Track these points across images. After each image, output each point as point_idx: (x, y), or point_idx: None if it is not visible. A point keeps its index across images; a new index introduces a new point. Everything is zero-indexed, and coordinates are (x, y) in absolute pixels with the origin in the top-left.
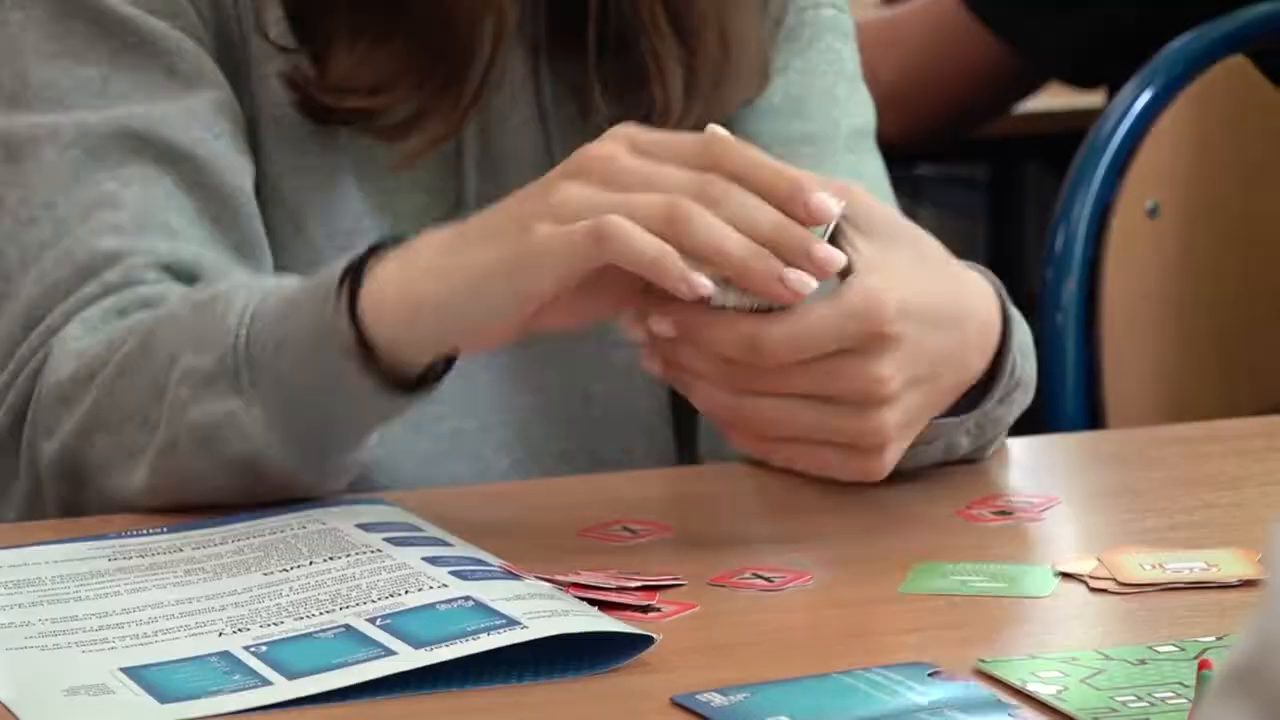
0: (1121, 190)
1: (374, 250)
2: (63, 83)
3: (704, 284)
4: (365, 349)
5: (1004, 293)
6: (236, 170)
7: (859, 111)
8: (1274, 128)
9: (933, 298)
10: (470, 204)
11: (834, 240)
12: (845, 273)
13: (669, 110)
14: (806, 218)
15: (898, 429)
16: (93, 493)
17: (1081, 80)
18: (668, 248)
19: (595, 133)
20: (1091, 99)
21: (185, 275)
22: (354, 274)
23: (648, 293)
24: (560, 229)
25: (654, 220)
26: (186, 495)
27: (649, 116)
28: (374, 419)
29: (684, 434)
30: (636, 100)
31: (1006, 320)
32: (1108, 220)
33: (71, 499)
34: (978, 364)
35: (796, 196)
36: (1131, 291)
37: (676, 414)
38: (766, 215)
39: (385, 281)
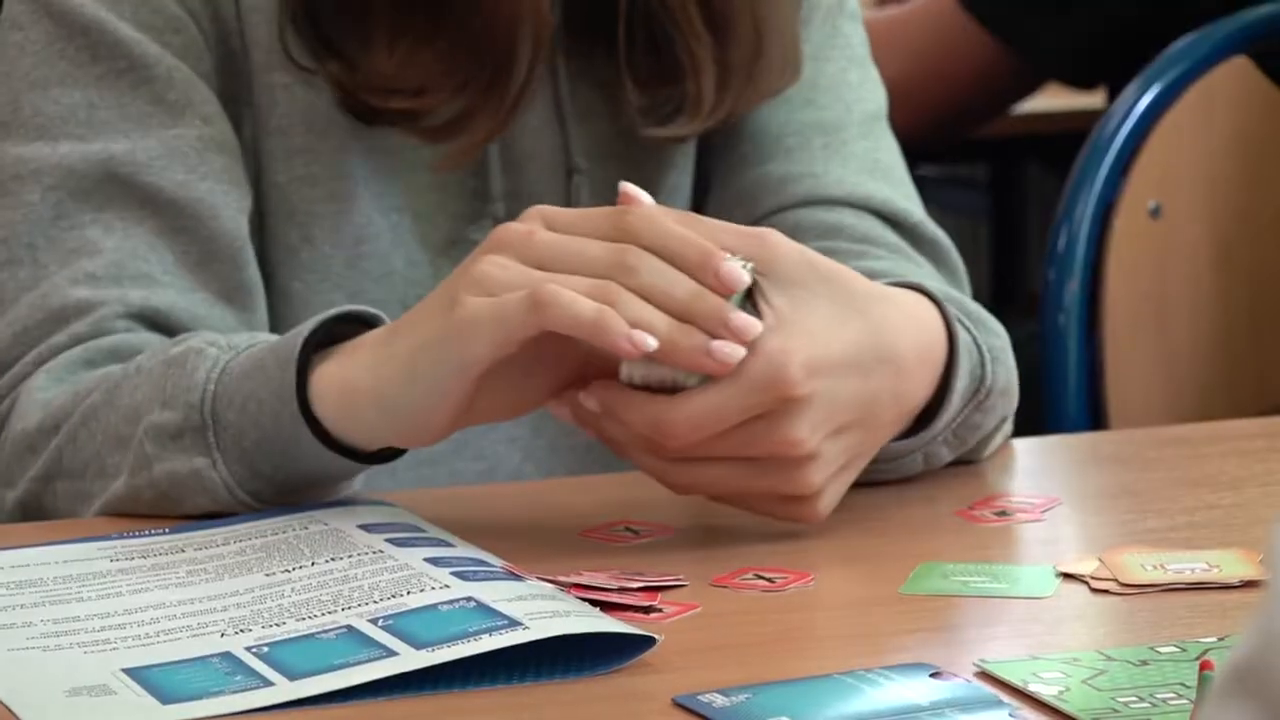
0: (1124, 191)
1: (336, 322)
2: (49, 110)
3: (647, 339)
4: (318, 424)
5: (949, 309)
6: (224, 212)
7: (871, 95)
8: (1276, 128)
9: (846, 346)
10: (497, 200)
11: (751, 295)
12: None
13: (701, 103)
14: (718, 287)
15: (827, 479)
16: None
17: (1079, 80)
18: (605, 307)
19: (618, 133)
20: (1092, 99)
21: (160, 323)
22: (309, 348)
23: (580, 376)
24: (491, 299)
25: (591, 270)
26: None
27: (680, 110)
28: (338, 479)
29: None
30: (668, 95)
31: (952, 338)
32: (1110, 220)
33: None
34: (919, 392)
35: (707, 265)
36: (1133, 292)
37: None
38: (682, 286)
39: (326, 373)
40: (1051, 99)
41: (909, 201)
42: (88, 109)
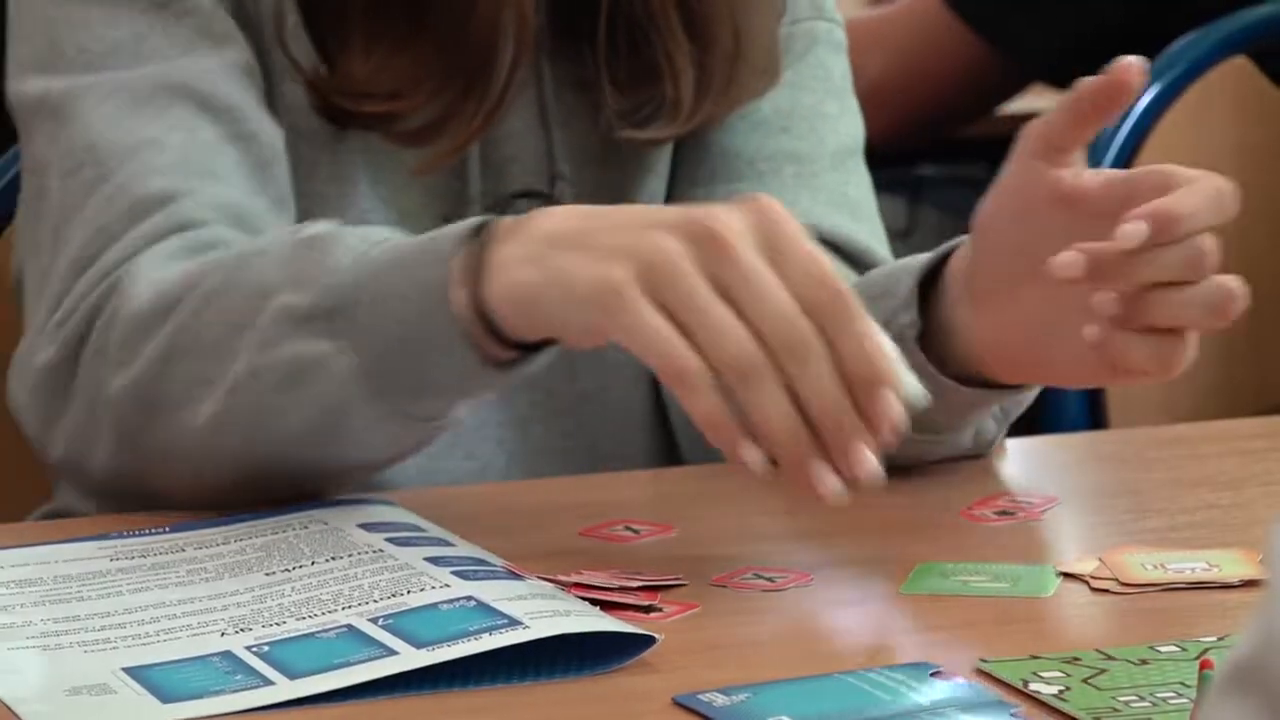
0: None
1: (488, 223)
2: (96, 47)
3: (757, 462)
4: (479, 320)
5: None
6: (268, 126)
7: (847, 129)
8: (1276, 128)
9: None
10: (475, 202)
11: None
12: None
13: (679, 107)
14: (870, 412)
15: None
16: (159, 428)
17: (1063, 81)
18: (723, 416)
19: (600, 137)
20: None
21: (235, 220)
22: (479, 243)
23: None
24: (645, 321)
25: (729, 367)
26: (255, 433)
27: (658, 113)
28: (466, 388)
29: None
30: (647, 97)
31: None
32: None
33: (136, 433)
34: None
35: (873, 388)
36: None
37: (667, 411)
38: (833, 397)
39: (507, 259)
40: (1053, 98)
41: (873, 239)
42: (134, 40)
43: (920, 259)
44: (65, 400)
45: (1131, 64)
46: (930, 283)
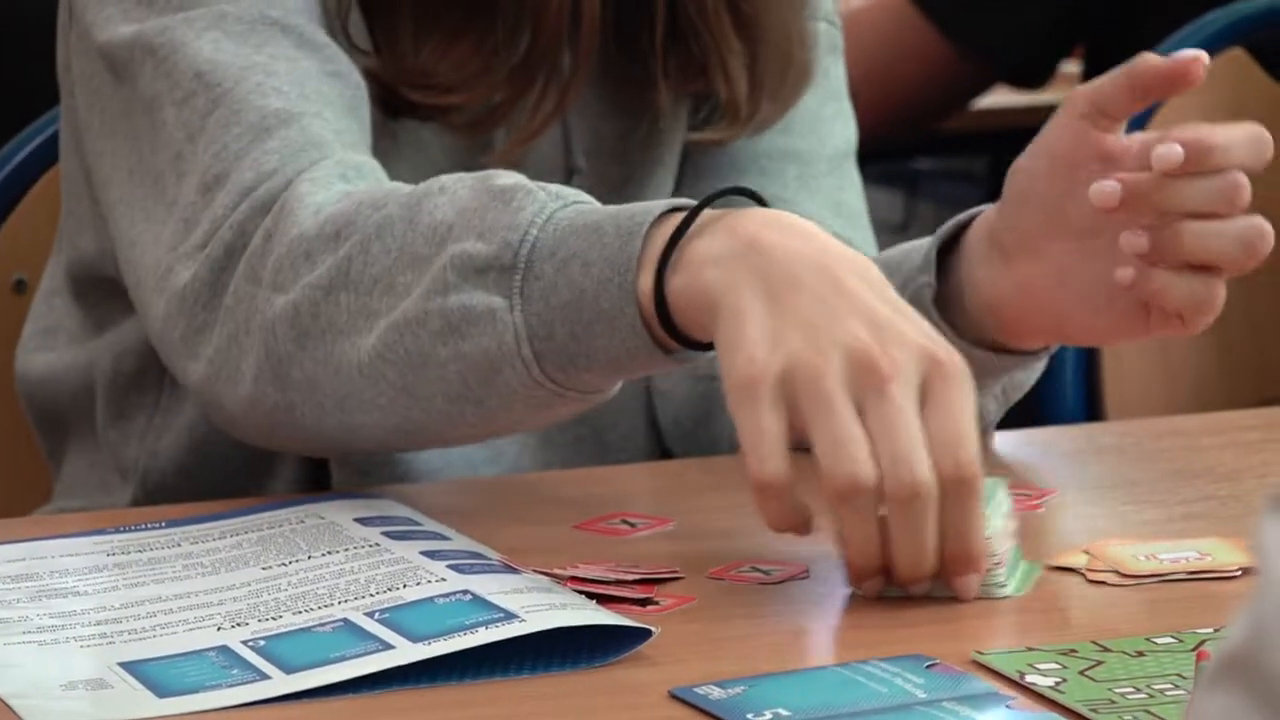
0: None
1: (706, 203)
2: None
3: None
4: (657, 303)
5: None
6: (356, 72)
7: (843, 132)
8: (1272, 120)
9: None
10: None
11: None
12: None
13: (738, 109)
14: (956, 581)
15: None
16: (310, 358)
17: (1025, 81)
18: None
19: (620, 131)
20: None
21: (352, 149)
22: (673, 227)
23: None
24: (758, 423)
25: (831, 468)
26: (410, 375)
27: (715, 114)
28: (630, 368)
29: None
30: (703, 99)
31: None
32: None
33: (287, 360)
34: None
35: (961, 570)
36: None
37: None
38: (928, 556)
39: (705, 257)
40: (1049, 91)
41: (865, 247)
42: None
43: (942, 227)
44: (212, 320)
45: (1199, 57)
46: (949, 250)
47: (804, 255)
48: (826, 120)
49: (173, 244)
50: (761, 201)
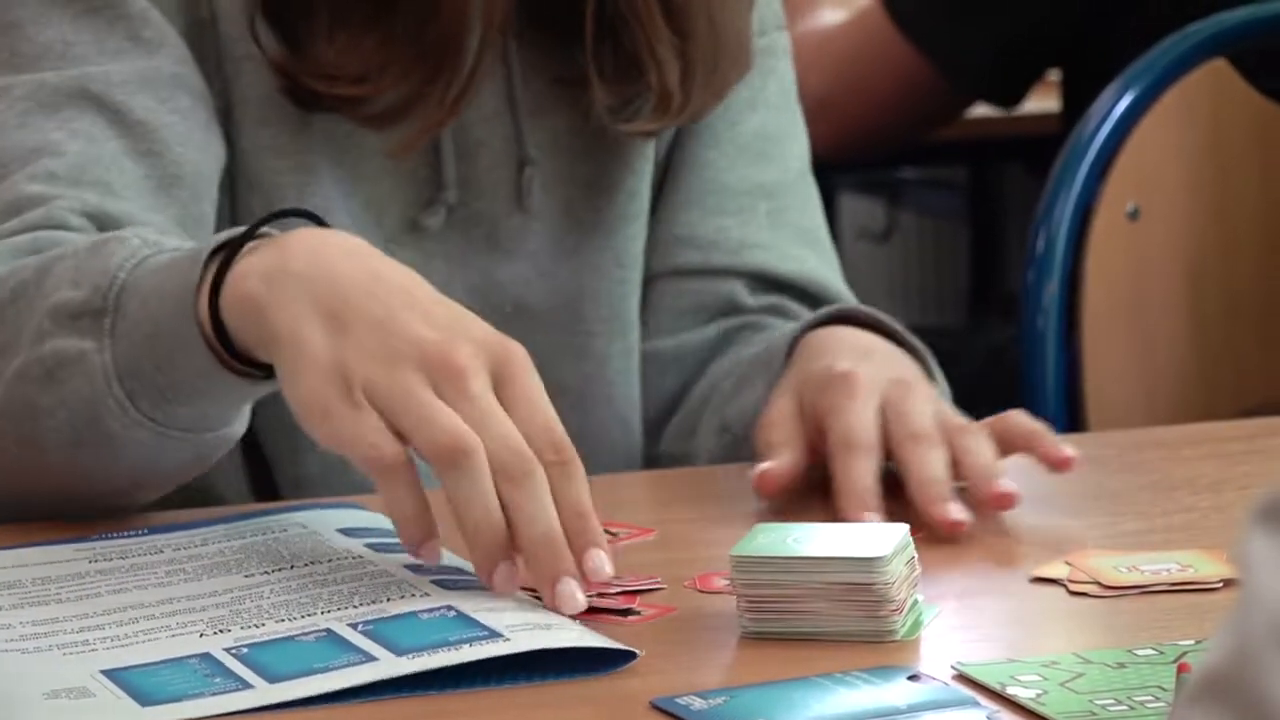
0: (1102, 193)
1: (264, 222)
2: (24, 49)
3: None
4: (217, 329)
5: (885, 320)
6: (189, 144)
7: (800, 147)
8: (1254, 130)
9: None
10: (449, 187)
11: None
12: None
13: (669, 99)
14: (581, 558)
15: None
16: None
17: (997, 98)
18: (429, 522)
19: (572, 130)
20: None
21: (111, 229)
22: (232, 248)
23: None
24: (352, 430)
25: (433, 440)
26: (25, 430)
27: (646, 105)
28: (215, 396)
29: (649, 429)
30: (635, 91)
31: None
32: (1089, 223)
33: None
34: None
35: (582, 536)
36: (1112, 294)
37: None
38: (547, 527)
39: (249, 270)
40: (1031, 102)
41: (830, 271)
42: (63, 44)
43: (790, 331)
44: None
45: (1070, 458)
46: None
47: (347, 271)
48: (794, 139)
49: None
50: (319, 221)
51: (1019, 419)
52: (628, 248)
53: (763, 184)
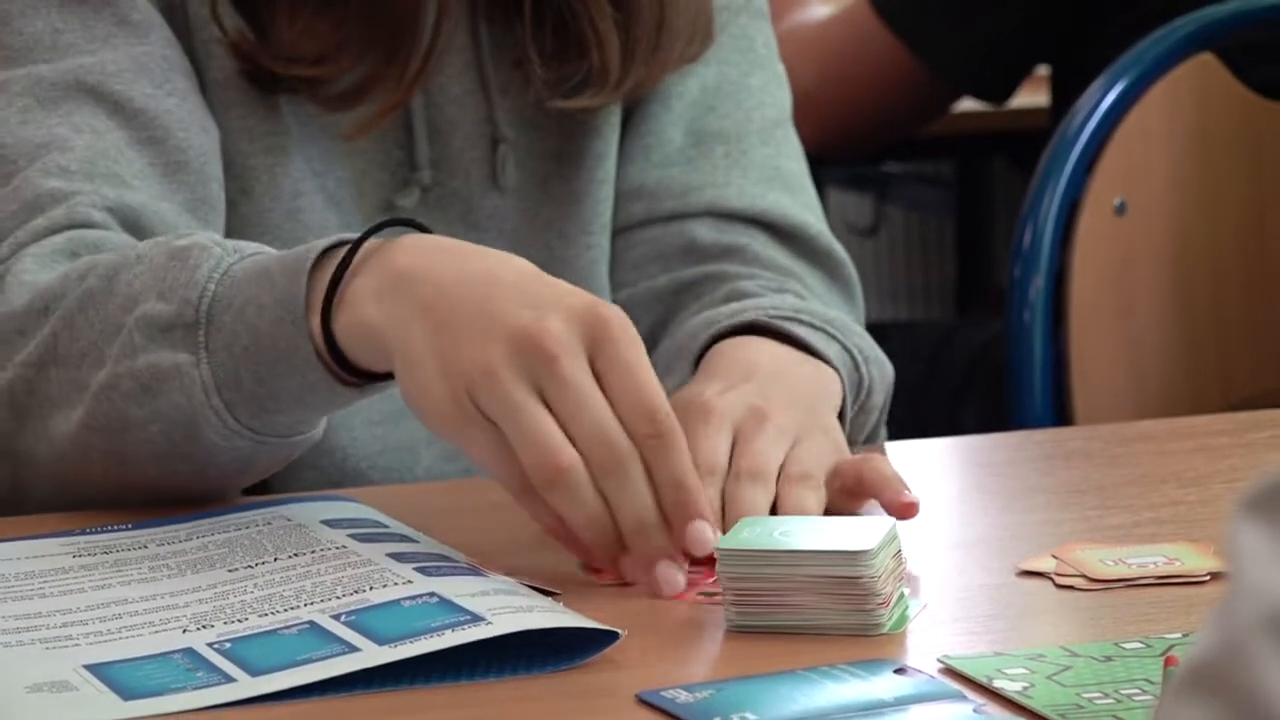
0: (1089, 187)
1: (366, 237)
2: (13, 42)
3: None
4: (327, 339)
5: (798, 332)
6: (190, 127)
7: (772, 100)
8: (1241, 124)
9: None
10: (423, 167)
11: None
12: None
13: (607, 75)
14: (681, 543)
15: None
16: (29, 434)
17: (985, 93)
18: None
19: (533, 105)
20: None
21: (132, 223)
22: (343, 260)
23: None
24: (480, 449)
25: (532, 462)
26: (117, 441)
27: (586, 82)
28: (319, 406)
29: None
30: (575, 68)
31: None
32: (1075, 217)
33: (9, 437)
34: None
35: (686, 518)
36: (1099, 288)
37: None
38: (643, 515)
39: (362, 295)
40: (1017, 96)
41: (807, 211)
42: (52, 34)
43: (702, 337)
44: None
45: (913, 503)
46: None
47: (451, 271)
48: (754, 91)
49: None
50: (421, 228)
51: (876, 464)
52: (597, 212)
53: (716, 131)
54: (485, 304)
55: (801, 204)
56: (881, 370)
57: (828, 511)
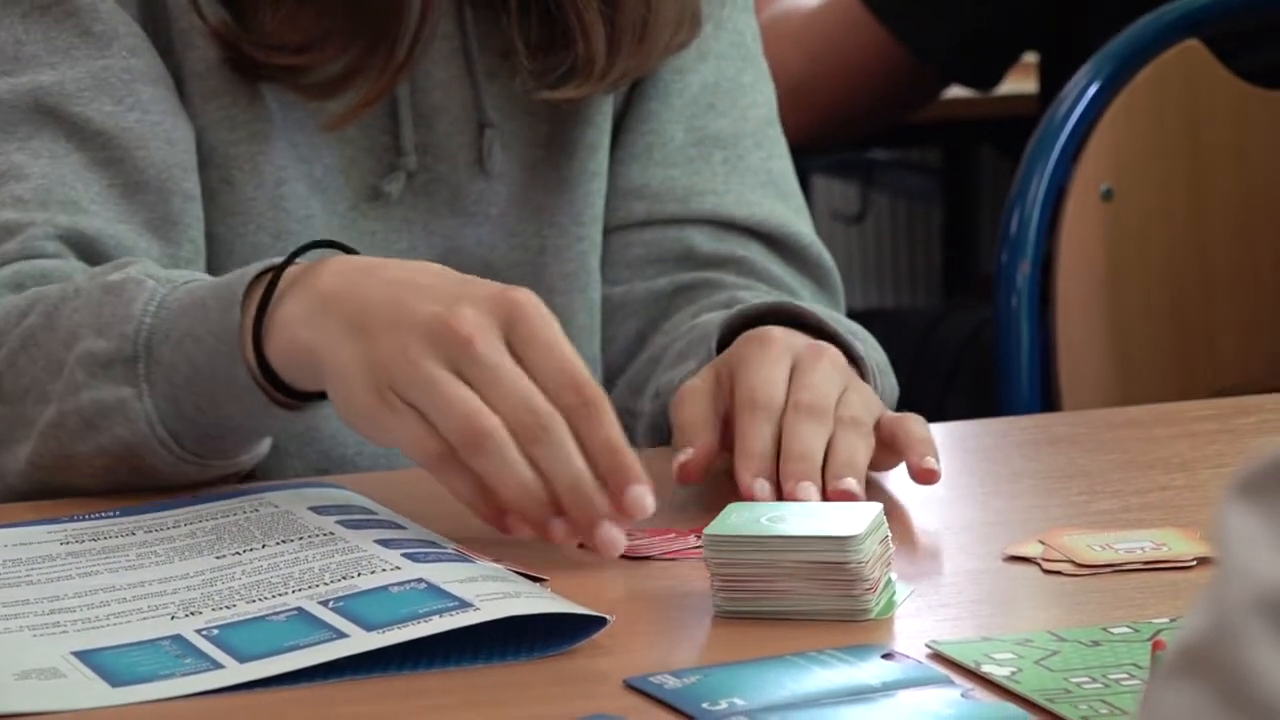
0: (1076, 174)
1: (293, 259)
2: None
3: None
4: (261, 364)
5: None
6: (151, 142)
7: (763, 97)
8: (1227, 110)
9: None
10: (408, 153)
11: None
12: None
13: (592, 65)
14: (617, 506)
15: None
16: None
17: (972, 81)
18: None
19: (519, 92)
20: None
21: (86, 249)
22: (268, 286)
23: None
24: (397, 424)
25: (454, 429)
26: (64, 476)
27: (572, 72)
28: (260, 429)
29: (607, 380)
30: (560, 58)
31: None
32: (1062, 204)
33: None
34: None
35: (619, 473)
36: (1085, 274)
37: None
38: (575, 475)
39: (290, 319)
40: (1009, 82)
41: (799, 218)
42: (14, 45)
43: (719, 320)
44: None
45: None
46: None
47: (373, 285)
48: (747, 89)
49: None
50: (345, 249)
51: (911, 424)
52: (589, 203)
53: (715, 134)
54: (401, 305)
55: (794, 210)
56: (891, 386)
57: None
